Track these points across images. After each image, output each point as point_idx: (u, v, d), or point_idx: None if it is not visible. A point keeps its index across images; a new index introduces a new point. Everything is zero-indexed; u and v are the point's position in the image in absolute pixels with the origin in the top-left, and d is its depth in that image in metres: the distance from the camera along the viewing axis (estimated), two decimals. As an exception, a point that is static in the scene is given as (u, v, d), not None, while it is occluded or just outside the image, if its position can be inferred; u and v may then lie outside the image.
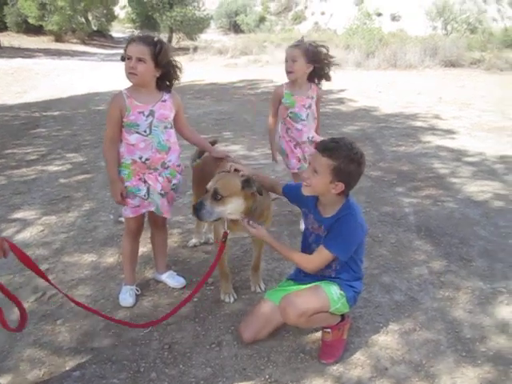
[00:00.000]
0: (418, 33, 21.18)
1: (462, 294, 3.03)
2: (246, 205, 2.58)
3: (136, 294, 2.97)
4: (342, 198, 2.40)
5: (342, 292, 2.42)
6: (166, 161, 2.74)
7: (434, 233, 3.81)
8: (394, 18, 36.76)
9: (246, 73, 14.69)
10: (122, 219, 3.97)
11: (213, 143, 3.32)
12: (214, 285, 3.11)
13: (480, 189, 4.75)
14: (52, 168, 5.50)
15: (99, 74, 15.20)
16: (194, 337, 2.63)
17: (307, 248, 2.56)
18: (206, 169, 3.07)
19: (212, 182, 2.56)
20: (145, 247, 3.45)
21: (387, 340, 2.61)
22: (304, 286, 2.47)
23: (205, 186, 3.09)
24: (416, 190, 4.71)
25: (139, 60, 2.52)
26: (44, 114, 8.62)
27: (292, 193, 2.67)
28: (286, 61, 3.46)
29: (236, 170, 2.61)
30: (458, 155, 5.91)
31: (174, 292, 3.06)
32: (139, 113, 2.63)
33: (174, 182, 2.82)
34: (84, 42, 28.26)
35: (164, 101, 2.70)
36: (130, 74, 2.56)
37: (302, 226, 3.05)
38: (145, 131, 2.65)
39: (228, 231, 2.72)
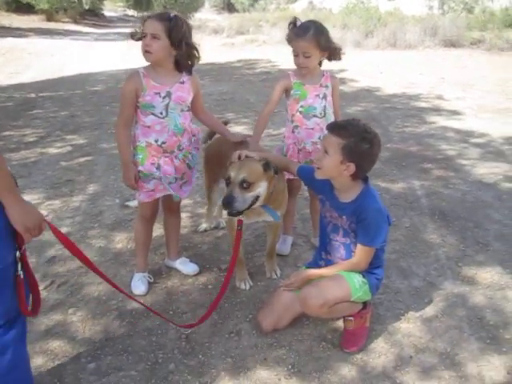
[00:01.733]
0: (414, 12, 20.89)
1: (481, 280, 2.96)
2: (268, 187, 2.51)
3: (148, 282, 2.89)
4: (359, 184, 2.30)
5: (364, 280, 2.35)
6: (181, 143, 2.64)
7: (447, 216, 3.74)
8: (389, -3, 36.25)
9: (244, 52, 14.47)
10: (129, 203, 3.90)
11: (225, 123, 3.22)
12: (234, 268, 3.02)
13: (490, 171, 4.68)
14: (52, 150, 5.37)
15: (93, 54, 14.89)
16: (211, 326, 2.55)
17: (326, 238, 2.48)
18: (222, 150, 2.96)
19: (234, 172, 2.44)
20: (154, 232, 3.34)
21: (409, 327, 2.55)
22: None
23: (220, 168, 3.01)
24: (426, 172, 4.63)
25: (153, 37, 2.40)
26: (40, 94, 8.44)
27: (307, 175, 2.57)
28: (296, 54, 2.83)
29: (247, 157, 2.51)
30: (464, 136, 5.82)
31: (187, 279, 2.97)
32: (155, 93, 2.51)
33: (188, 159, 2.72)
34: (76, 21, 27.68)
35: (182, 82, 2.58)
36: (146, 52, 2.44)
37: (316, 241, 2.91)
38: (161, 113, 2.53)
39: (243, 218, 2.63)
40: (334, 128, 2.21)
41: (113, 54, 15.12)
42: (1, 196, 1.50)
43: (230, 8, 37.67)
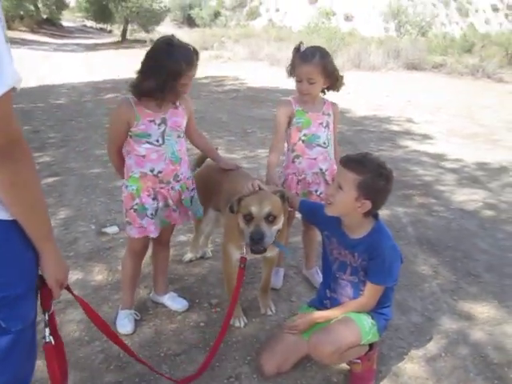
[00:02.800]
0: (371, 33, 21.47)
1: (478, 314, 2.91)
2: (284, 221, 2.40)
3: (135, 319, 2.67)
4: (369, 219, 2.20)
5: (373, 321, 2.23)
6: (179, 173, 2.47)
7: (435, 246, 3.70)
8: (347, 18, 37.15)
9: (209, 69, 14.29)
10: (107, 230, 3.66)
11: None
12: (219, 306, 2.86)
13: (469, 198, 4.72)
14: (17, 169, 5.03)
15: (52, 65, 14.44)
16: (208, 369, 2.35)
17: (331, 276, 2.35)
18: (212, 176, 2.81)
19: (257, 206, 2.26)
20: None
21: (414, 368, 2.45)
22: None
23: (210, 196, 2.84)
24: (408, 199, 4.61)
25: None
26: (-1, 107, 8.00)
27: (310, 210, 2.46)
28: (299, 80, 2.68)
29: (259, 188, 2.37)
30: (438, 161, 5.88)
31: (176, 316, 2.78)
32: (150, 121, 2.33)
33: (184, 195, 2.54)
34: (33, 31, 26.88)
35: (176, 108, 2.42)
36: None
37: (320, 279, 2.75)
38: (157, 141, 2.35)
39: (247, 256, 2.47)
40: (350, 163, 2.10)
41: (73, 65, 14.71)
42: (39, 245, 1.29)
43: (190, 23, 37.59)
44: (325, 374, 2.37)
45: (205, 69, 14.16)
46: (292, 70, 2.75)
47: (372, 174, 2.04)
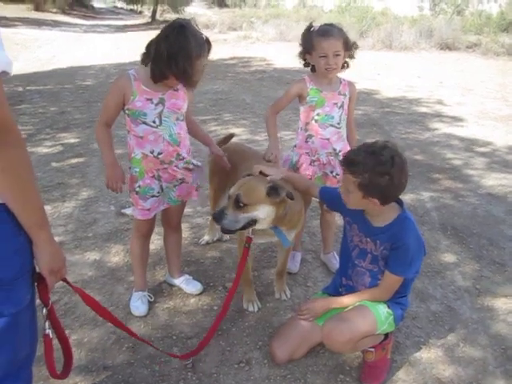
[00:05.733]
0: (405, 13, 20.80)
1: (500, 304, 2.80)
2: (276, 212, 2.29)
3: (149, 301, 2.68)
4: (393, 207, 2.11)
5: (389, 310, 2.16)
6: (181, 152, 2.44)
7: (460, 232, 3.58)
8: (380, -3, 36.11)
9: (237, 49, 14.20)
10: (126, 211, 3.68)
11: (230, 137, 3.19)
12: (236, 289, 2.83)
13: (498, 182, 4.54)
14: (42, 150, 5.11)
15: (83, 46, 14.56)
16: (218, 354, 2.35)
17: (348, 263, 2.28)
18: (229, 159, 2.76)
19: (235, 188, 2.27)
20: (152, 244, 3.12)
21: (431, 357, 2.38)
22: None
23: (226, 179, 2.82)
24: (434, 183, 4.47)
25: None
26: (28, 88, 8.13)
27: (331, 198, 2.37)
28: (325, 56, 2.58)
29: (262, 173, 2.31)
30: (469, 145, 5.68)
31: (190, 298, 2.77)
32: (147, 99, 2.29)
33: (192, 164, 2.52)
34: (64, 12, 27.20)
35: (176, 90, 2.37)
36: None
37: (338, 264, 2.67)
38: (154, 122, 2.32)
39: (252, 236, 2.43)
40: (345, 165, 2.01)
41: (103, 46, 14.80)
42: (31, 233, 1.27)
43: (221, 3, 37.26)
44: (337, 362, 2.33)
45: (232, 49, 14.08)
46: (310, 50, 2.66)
47: (369, 173, 1.92)
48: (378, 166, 1.92)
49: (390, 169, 1.92)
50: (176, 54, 2.14)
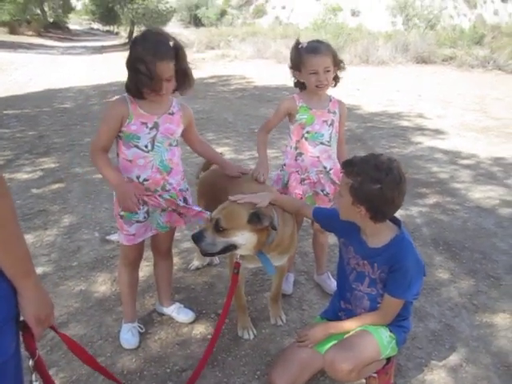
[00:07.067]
0: (379, 28, 21.21)
1: (499, 320, 2.76)
2: (258, 239, 2.21)
3: (139, 332, 2.56)
4: (389, 227, 2.05)
5: (391, 334, 2.08)
6: (167, 183, 2.33)
7: (452, 247, 3.55)
8: (353, 14, 36.80)
9: (216, 68, 14.24)
10: (111, 238, 3.57)
11: None
12: (227, 316, 2.73)
13: (485, 195, 4.54)
14: (21, 176, 4.97)
15: (59, 68, 14.42)
16: (215, 386, 2.25)
17: (346, 286, 2.21)
18: (217, 183, 2.68)
19: (216, 211, 2.21)
20: (141, 271, 3.01)
21: (434, 379, 2.31)
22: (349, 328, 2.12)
23: (214, 202, 2.73)
24: (422, 198, 4.45)
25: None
26: (5, 112, 7.99)
27: (325, 218, 2.31)
28: (315, 72, 2.54)
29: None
30: (452, 158, 5.71)
31: (182, 327, 2.66)
32: (142, 123, 2.21)
33: (179, 200, 2.40)
34: (40, 35, 27.02)
35: (171, 114, 2.29)
36: None
37: (333, 285, 2.66)
38: (146, 146, 2.23)
39: (240, 261, 2.35)
40: (344, 164, 1.98)
41: (80, 68, 14.68)
42: (16, 282, 1.18)
43: (197, 22, 37.51)
44: (339, 389, 2.24)
45: (211, 68, 14.11)
46: (299, 67, 2.62)
47: (362, 177, 1.87)
48: (372, 170, 1.86)
49: (383, 177, 1.85)
50: (134, 62, 2.08)
